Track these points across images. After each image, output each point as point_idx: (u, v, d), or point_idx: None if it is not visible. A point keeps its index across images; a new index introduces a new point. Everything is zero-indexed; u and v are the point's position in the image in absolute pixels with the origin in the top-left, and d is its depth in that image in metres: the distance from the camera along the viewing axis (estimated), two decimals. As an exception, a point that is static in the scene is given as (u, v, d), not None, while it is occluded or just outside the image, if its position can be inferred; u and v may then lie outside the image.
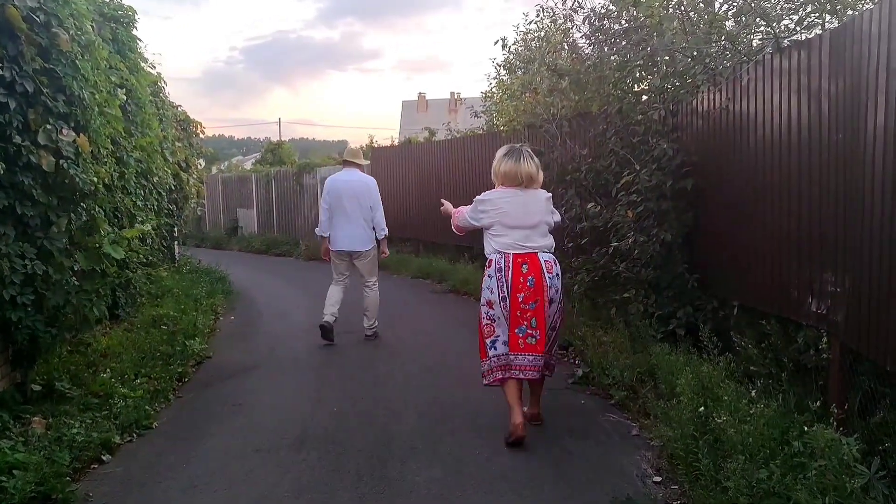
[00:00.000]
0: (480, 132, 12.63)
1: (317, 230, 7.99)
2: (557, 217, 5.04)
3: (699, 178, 5.94)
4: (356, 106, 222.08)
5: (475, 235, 5.29)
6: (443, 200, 5.59)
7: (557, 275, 4.68)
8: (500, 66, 12.83)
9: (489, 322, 4.72)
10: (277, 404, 5.41)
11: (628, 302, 6.34)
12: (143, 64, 9.39)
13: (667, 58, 6.01)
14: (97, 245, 4.92)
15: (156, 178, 8.74)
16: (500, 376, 4.64)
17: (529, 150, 4.86)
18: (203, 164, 31.93)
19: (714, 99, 5.65)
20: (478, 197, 4.85)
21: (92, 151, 5.10)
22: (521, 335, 4.56)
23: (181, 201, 12.01)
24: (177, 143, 10.95)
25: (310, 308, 9.57)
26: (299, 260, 15.84)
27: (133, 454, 4.44)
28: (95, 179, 4.98)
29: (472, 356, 6.33)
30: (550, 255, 4.72)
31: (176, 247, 12.63)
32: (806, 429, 3.26)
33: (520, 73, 11.28)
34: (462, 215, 4.96)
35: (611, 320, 6.51)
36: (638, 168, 6.09)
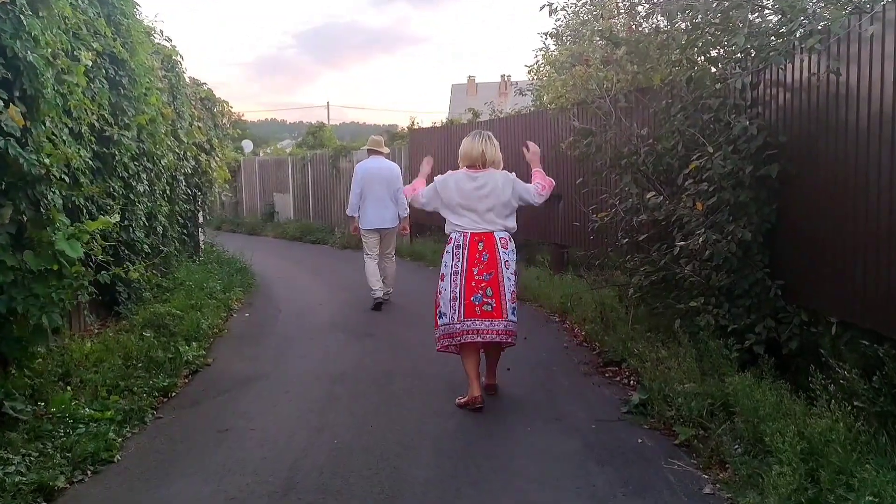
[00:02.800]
0: (525, 112, 11.55)
1: (347, 211, 8.83)
2: (531, 192, 5.16)
3: (786, 164, 4.85)
4: (407, 90, 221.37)
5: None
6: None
7: (513, 250, 5.07)
8: (547, 35, 11.68)
9: (441, 293, 5.00)
10: (270, 432, 4.51)
11: (696, 312, 5.28)
12: (155, 36, 8.65)
13: (751, 16, 4.90)
14: (50, 240, 4.07)
15: (164, 161, 7.93)
16: (447, 344, 4.98)
17: (490, 134, 5.16)
18: (251, 146, 31.56)
19: (808, 66, 4.55)
20: (437, 178, 5.12)
21: (46, 127, 4.26)
22: (476, 303, 4.86)
23: (204, 186, 11.25)
24: (196, 124, 10.14)
25: (334, 305, 8.72)
26: (333, 248, 15.00)
27: (77, 502, 3.59)
28: (48, 161, 4.12)
29: (506, 376, 5.38)
30: (506, 233, 5.05)
31: (200, 234, 11.88)
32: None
33: (568, 42, 10.18)
34: (416, 194, 5.23)
35: (673, 333, 5.46)
36: (711, 151, 5.00)
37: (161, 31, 8.83)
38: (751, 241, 4.96)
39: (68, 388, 4.69)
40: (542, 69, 12.61)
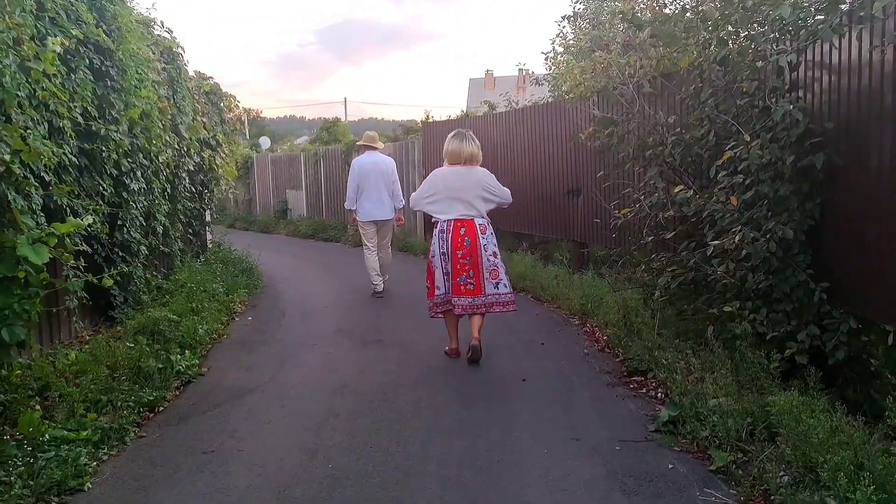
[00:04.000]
0: (542, 103, 11.03)
1: (346, 204, 9.25)
2: (506, 193, 6.05)
3: (832, 153, 4.35)
4: (425, 85, 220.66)
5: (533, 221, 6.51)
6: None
7: (491, 233, 5.90)
8: (564, 18, 11.12)
9: (434, 270, 5.87)
10: (259, 454, 4.08)
11: (730, 317, 4.79)
12: (155, 27, 8.28)
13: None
14: (12, 245, 3.67)
15: (162, 157, 7.54)
16: (439, 311, 5.90)
17: (472, 134, 5.99)
18: (268, 143, 31.26)
19: (860, 43, 4.04)
20: (428, 176, 6.06)
21: (13, 121, 3.86)
22: (462, 283, 5.75)
23: (211, 183, 10.85)
24: (200, 118, 9.75)
25: (341, 307, 8.32)
26: (346, 246, 14.59)
27: (34, 541, 3.19)
28: (8, 158, 3.72)
29: (521, 387, 4.93)
30: (484, 220, 5.88)
31: (208, 233, 11.50)
32: None
33: (586, 26, 9.64)
34: (413, 200, 6.06)
35: (704, 340, 4.98)
36: (748, 139, 4.50)
37: (161, 23, 8.46)
38: (792, 240, 4.47)
39: (37, 406, 4.28)
40: (559, 57, 12.08)
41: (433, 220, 5.96)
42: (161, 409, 4.87)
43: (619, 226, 6.13)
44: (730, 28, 5.04)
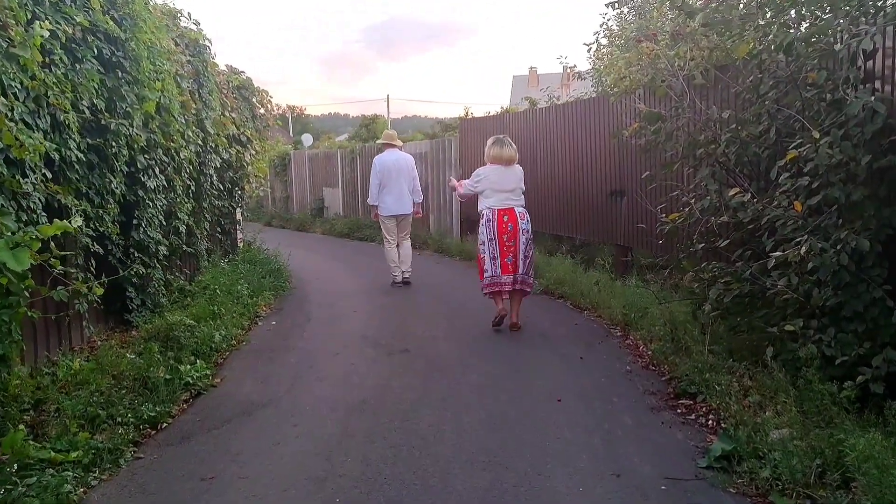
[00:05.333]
0: (586, 98, 10.48)
1: (369, 200, 9.80)
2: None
3: (916, 152, 3.80)
4: (468, 82, 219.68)
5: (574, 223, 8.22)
6: (450, 178, 8.98)
7: (528, 220, 6.83)
8: (609, 6, 10.53)
9: (483, 255, 6.79)
10: (262, 483, 3.69)
11: (793, 337, 4.26)
12: (181, 19, 7.98)
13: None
14: (-10, 250, 3.32)
15: (184, 153, 7.22)
16: (492, 290, 6.77)
17: (510, 139, 7.00)
18: (311, 140, 31.15)
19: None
20: (475, 171, 7.07)
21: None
22: (508, 263, 6.68)
23: (240, 180, 10.54)
24: (229, 114, 9.44)
25: (369, 312, 7.93)
26: (380, 246, 14.18)
27: (-3, 586, 2.84)
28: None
29: (556, 410, 4.45)
30: (523, 208, 6.87)
31: (238, 232, 11.20)
32: None
33: (630, 15, 9.09)
34: (464, 186, 7.22)
35: (763, 362, 4.45)
36: (816, 136, 3.97)
37: (188, 14, 8.16)
38: (867, 251, 3.92)
39: (21, 425, 3.93)
40: (602, 49, 11.51)
41: (479, 210, 6.88)
42: (164, 425, 4.51)
43: (667, 232, 5.60)
44: (793, 13, 4.49)
